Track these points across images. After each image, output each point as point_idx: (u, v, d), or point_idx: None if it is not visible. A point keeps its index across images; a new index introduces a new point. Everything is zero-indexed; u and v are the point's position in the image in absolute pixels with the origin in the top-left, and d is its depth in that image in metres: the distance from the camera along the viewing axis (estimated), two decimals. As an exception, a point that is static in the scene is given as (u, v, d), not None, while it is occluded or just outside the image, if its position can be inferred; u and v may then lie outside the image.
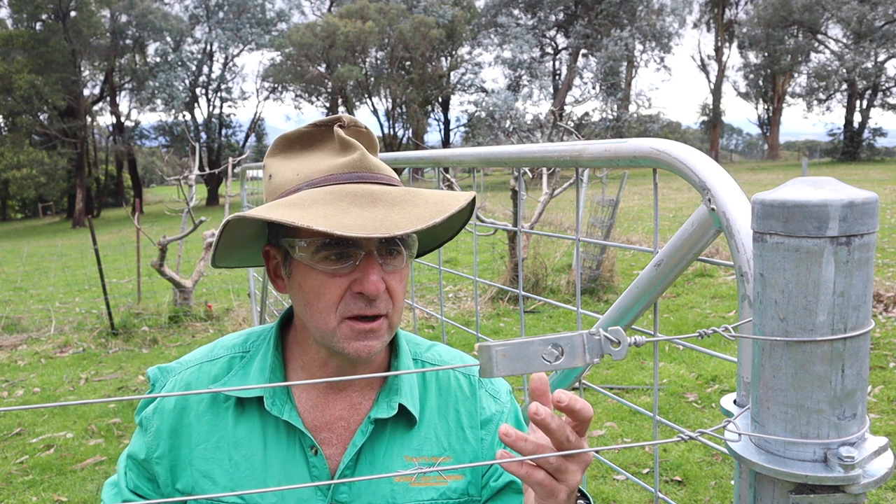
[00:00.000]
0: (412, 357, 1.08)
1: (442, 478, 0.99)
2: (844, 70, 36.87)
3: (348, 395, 1.01)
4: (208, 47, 39.17)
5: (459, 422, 1.04)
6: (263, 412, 0.98)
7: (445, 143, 43.17)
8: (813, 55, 40.75)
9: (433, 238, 1.10)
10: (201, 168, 8.76)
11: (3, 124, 35.32)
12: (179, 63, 37.69)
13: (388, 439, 1.00)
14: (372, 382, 1.03)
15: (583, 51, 38.91)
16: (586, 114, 39.68)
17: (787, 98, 43.97)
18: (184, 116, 39.15)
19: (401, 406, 0.99)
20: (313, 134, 0.97)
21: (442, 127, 43.77)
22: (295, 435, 0.98)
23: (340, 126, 0.96)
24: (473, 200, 0.98)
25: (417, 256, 1.12)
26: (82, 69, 34.85)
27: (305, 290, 0.92)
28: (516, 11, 39.57)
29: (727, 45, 45.21)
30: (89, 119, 36.75)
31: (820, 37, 39.59)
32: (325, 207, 0.85)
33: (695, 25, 45.93)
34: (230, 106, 41.95)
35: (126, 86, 39.00)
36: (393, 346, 1.07)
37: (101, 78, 38.22)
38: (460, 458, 1.02)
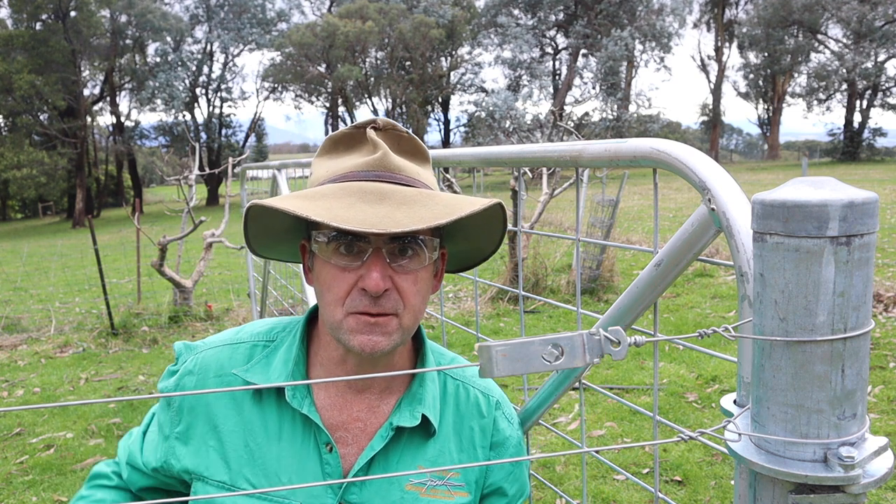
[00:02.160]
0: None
1: (449, 493, 1.00)
2: (844, 70, 36.86)
3: (367, 396, 1.01)
4: (208, 47, 39.16)
5: (472, 440, 1.05)
6: (281, 403, 0.99)
7: (445, 143, 43.16)
8: (813, 55, 40.75)
9: (477, 250, 1.08)
10: (201, 168, 8.76)
11: (3, 124, 35.31)
12: (179, 63, 37.68)
13: (404, 447, 1.00)
14: (392, 387, 1.03)
15: (583, 51, 38.89)
16: (586, 114, 39.66)
17: (787, 98, 43.96)
18: (184, 116, 39.15)
19: (423, 416, 0.99)
20: (353, 135, 0.99)
21: (442, 127, 43.77)
22: (310, 430, 0.98)
23: (374, 128, 0.97)
24: (501, 207, 0.96)
25: (465, 269, 1.12)
26: (82, 69, 34.84)
27: (320, 283, 0.94)
28: (516, 11, 39.55)
29: (727, 45, 45.20)
30: (89, 119, 36.74)
31: (820, 37, 39.58)
32: (331, 201, 0.86)
33: (695, 25, 45.92)
34: (230, 106, 41.96)
35: (126, 86, 38.99)
36: (418, 355, 1.08)
37: (101, 78, 38.21)
38: (468, 474, 1.03)
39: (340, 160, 0.97)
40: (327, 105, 39.84)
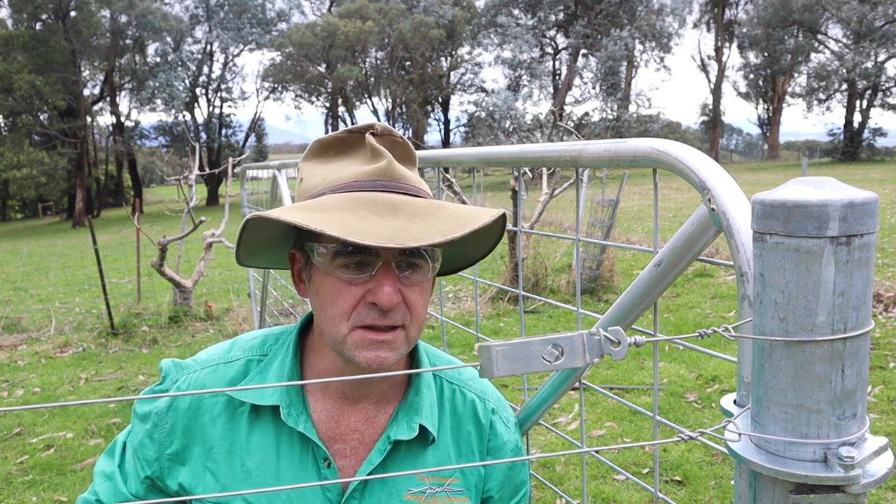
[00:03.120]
0: (430, 373, 1.07)
1: (450, 499, 1.00)
2: (844, 70, 36.87)
3: (364, 407, 1.00)
4: (208, 47, 39.17)
5: (470, 444, 1.04)
6: (278, 421, 0.97)
7: (445, 143, 43.15)
8: (813, 55, 40.74)
9: (465, 255, 1.07)
10: (201, 168, 8.75)
11: (3, 124, 35.31)
12: (179, 63, 37.69)
13: (403, 457, 0.99)
14: (388, 396, 1.02)
15: (583, 51, 38.89)
16: (586, 114, 39.65)
17: (787, 98, 43.96)
18: (184, 116, 39.15)
19: (420, 426, 0.99)
20: (347, 140, 0.97)
21: (442, 127, 43.77)
22: (308, 446, 0.97)
23: (373, 133, 0.95)
24: (504, 218, 0.96)
25: (448, 273, 1.11)
26: (82, 69, 34.85)
27: (322, 296, 0.91)
28: (516, 11, 39.54)
29: (727, 45, 45.20)
30: (89, 119, 36.74)
31: (820, 37, 39.58)
32: (343, 213, 0.84)
33: (695, 25, 45.93)
34: (230, 106, 41.94)
35: (126, 86, 39.00)
36: (413, 359, 1.07)
37: (101, 78, 38.21)
38: (467, 479, 1.02)
39: (337, 167, 0.95)
40: (327, 105, 39.83)
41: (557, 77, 41.84)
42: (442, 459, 1.01)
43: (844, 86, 39.73)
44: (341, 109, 38.86)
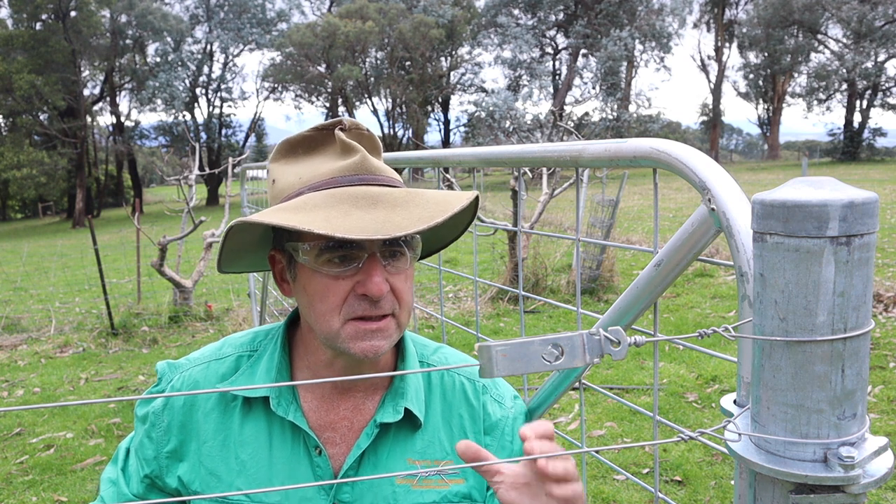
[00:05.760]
0: (418, 360, 1.08)
1: (444, 481, 1.00)
2: (844, 70, 36.86)
3: (353, 396, 1.01)
4: (208, 47, 39.18)
5: (462, 426, 1.04)
6: (269, 412, 0.99)
7: (445, 143, 43.14)
8: (813, 55, 40.73)
9: (438, 239, 1.10)
10: (201, 168, 8.75)
11: (3, 124, 35.32)
12: (179, 63, 37.70)
13: (392, 441, 1.00)
14: (376, 384, 1.03)
15: (583, 51, 38.88)
16: (586, 114, 39.63)
17: (787, 98, 43.94)
18: (184, 116, 39.16)
19: (406, 410, 0.99)
20: (315, 138, 0.97)
21: (442, 127, 43.76)
22: (300, 435, 0.98)
23: (342, 129, 0.96)
24: (477, 200, 0.98)
25: (422, 258, 1.12)
26: (82, 69, 34.84)
27: (310, 293, 0.92)
28: (516, 11, 39.54)
29: (727, 45, 45.19)
30: (89, 119, 36.74)
31: (820, 37, 39.57)
32: (326, 211, 0.85)
33: (695, 25, 45.91)
34: (230, 106, 41.95)
35: (126, 86, 39.00)
36: (399, 348, 1.08)
37: (101, 78, 38.22)
38: (461, 462, 1.02)
39: (310, 165, 0.95)
40: (327, 105, 39.81)
41: (557, 77, 41.83)
42: (431, 443, 1.01)
43: (844, 86, 39.71)
44: (341, 109, 38.85)
